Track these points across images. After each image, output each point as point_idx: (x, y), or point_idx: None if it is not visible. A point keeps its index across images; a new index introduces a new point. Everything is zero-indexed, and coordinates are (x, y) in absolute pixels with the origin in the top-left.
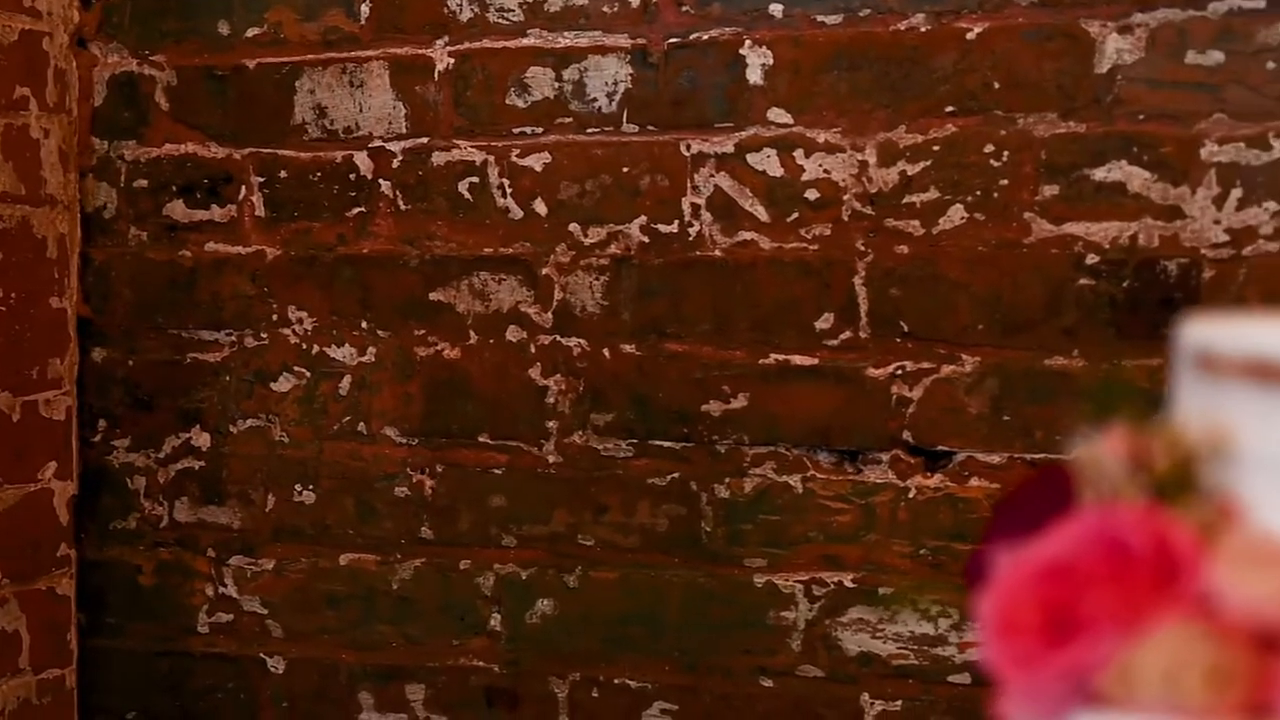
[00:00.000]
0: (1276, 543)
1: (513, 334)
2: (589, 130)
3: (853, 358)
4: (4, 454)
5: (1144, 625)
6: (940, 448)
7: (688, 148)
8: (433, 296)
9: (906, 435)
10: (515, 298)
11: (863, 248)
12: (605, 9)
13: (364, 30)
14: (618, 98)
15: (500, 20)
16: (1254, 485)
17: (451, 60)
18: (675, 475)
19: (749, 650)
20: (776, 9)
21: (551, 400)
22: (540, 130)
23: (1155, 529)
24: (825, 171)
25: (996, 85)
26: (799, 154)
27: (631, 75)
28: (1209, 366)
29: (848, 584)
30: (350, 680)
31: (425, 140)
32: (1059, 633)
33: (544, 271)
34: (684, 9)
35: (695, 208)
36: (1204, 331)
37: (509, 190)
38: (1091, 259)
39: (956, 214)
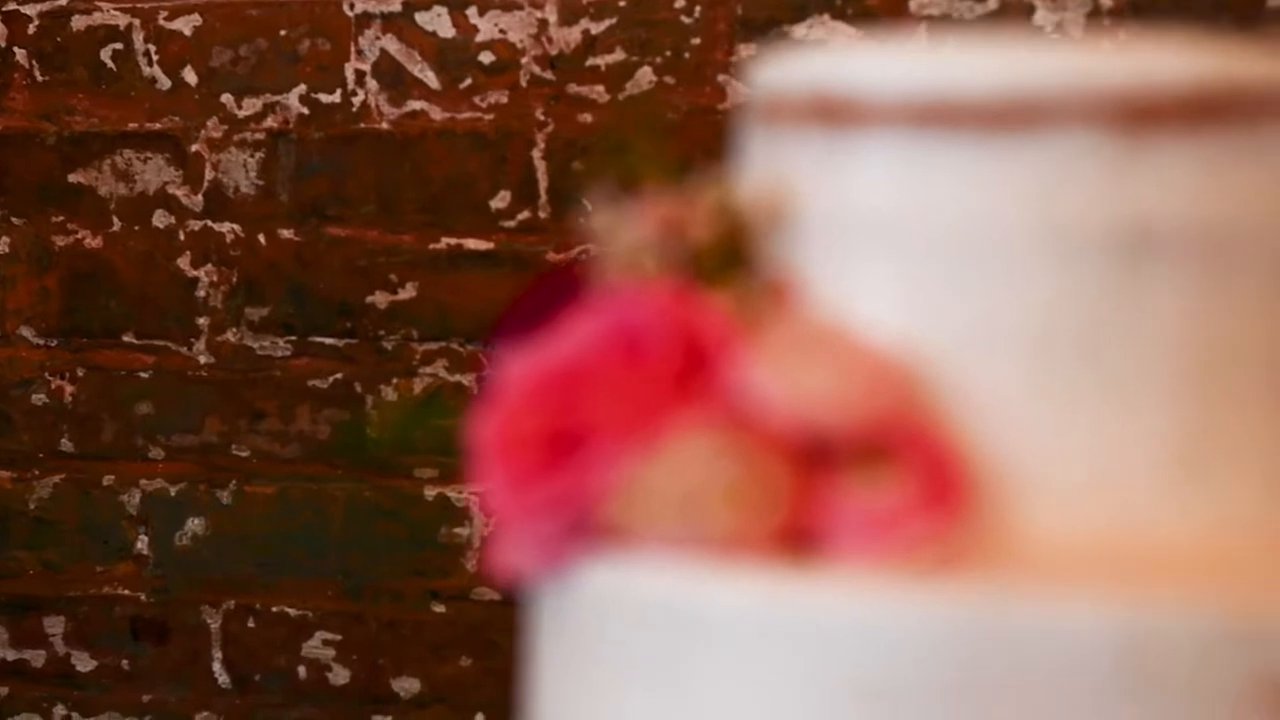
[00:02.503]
0: (829, 327)
1: (160, 219)
2: None
3: (532, 240)
4: None
5: (659, 437)
6: None
7: (351, 7)
8: (72, 178)
9: None
10: (162, 178)
11: (542, 117)
12: None
13: None
14: None
15: None
16: (816, 253)
17: None
18: (338, 376)
19: (419, 571)
20: None
21: (202, 294)
22: None
23: (680, 316)
24: (501, 32)
25: None
26: (472, 12)
27: None
28: (772, 114)
29: None
30: None
31: (64, 3)
32: (559, 451)
33: (194, 148)
34: None
35: (360, 75)
36: (770, 73)
37: (155, 58)
38: None
39: (644, 78)
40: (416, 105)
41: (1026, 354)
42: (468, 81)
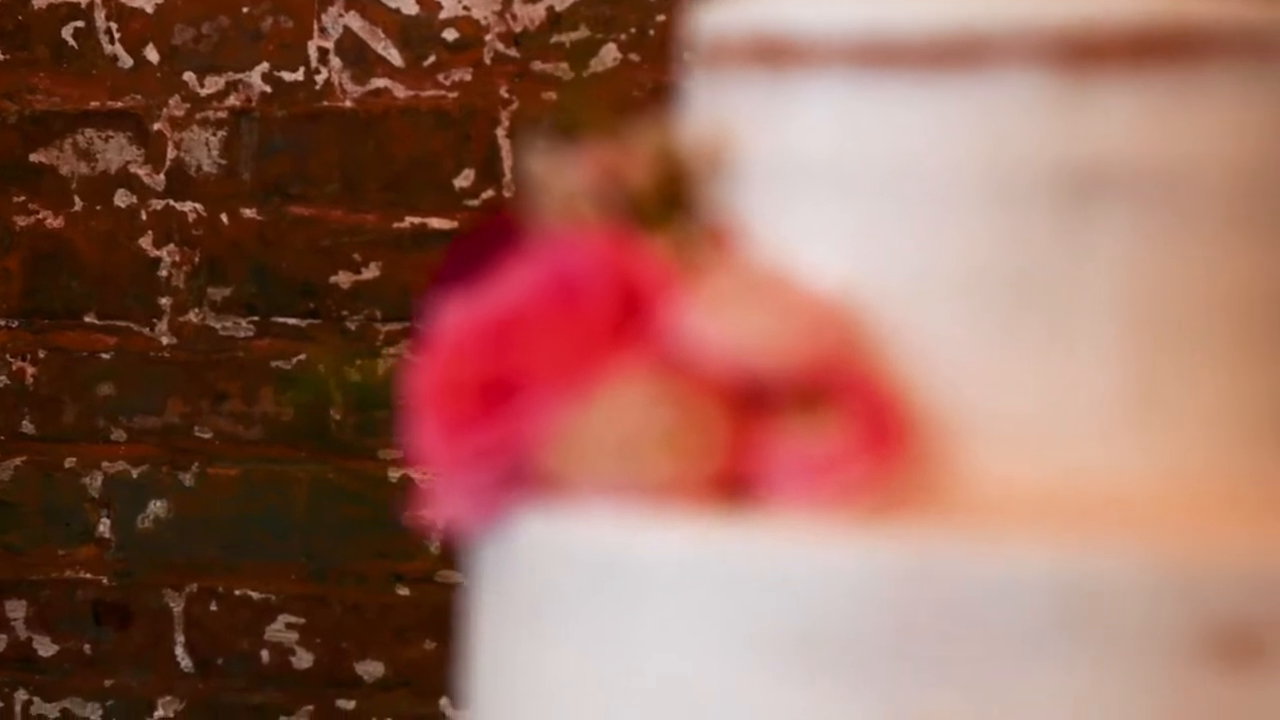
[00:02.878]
0: (768, 272)
1: (121, 199)
2: None
3: None
4: None
5: (595, 384)
6: None
7: None
8: (33, 158)
9: None
10: (124, 157)
11: (507, 95)
12: None
13: None
14: None
15: None
16: (757, 197)
17: None
18: (302, 357)
19: (384, 554)
20: None
21: (164, 274)
22: None
23: (617, 262)
24: (465, 8)
25: None
26: None
27: None
28: (714, 57)
29: None
30: None
31: None
32: (495, 399)
33: (156, 127)
34: None
35: (323, 52)
36: (711, 15)
37: (117, 36)
38: None
39: (609, 55)
40: (380, 83)
41: (970, 297)
42: (431, 59)
